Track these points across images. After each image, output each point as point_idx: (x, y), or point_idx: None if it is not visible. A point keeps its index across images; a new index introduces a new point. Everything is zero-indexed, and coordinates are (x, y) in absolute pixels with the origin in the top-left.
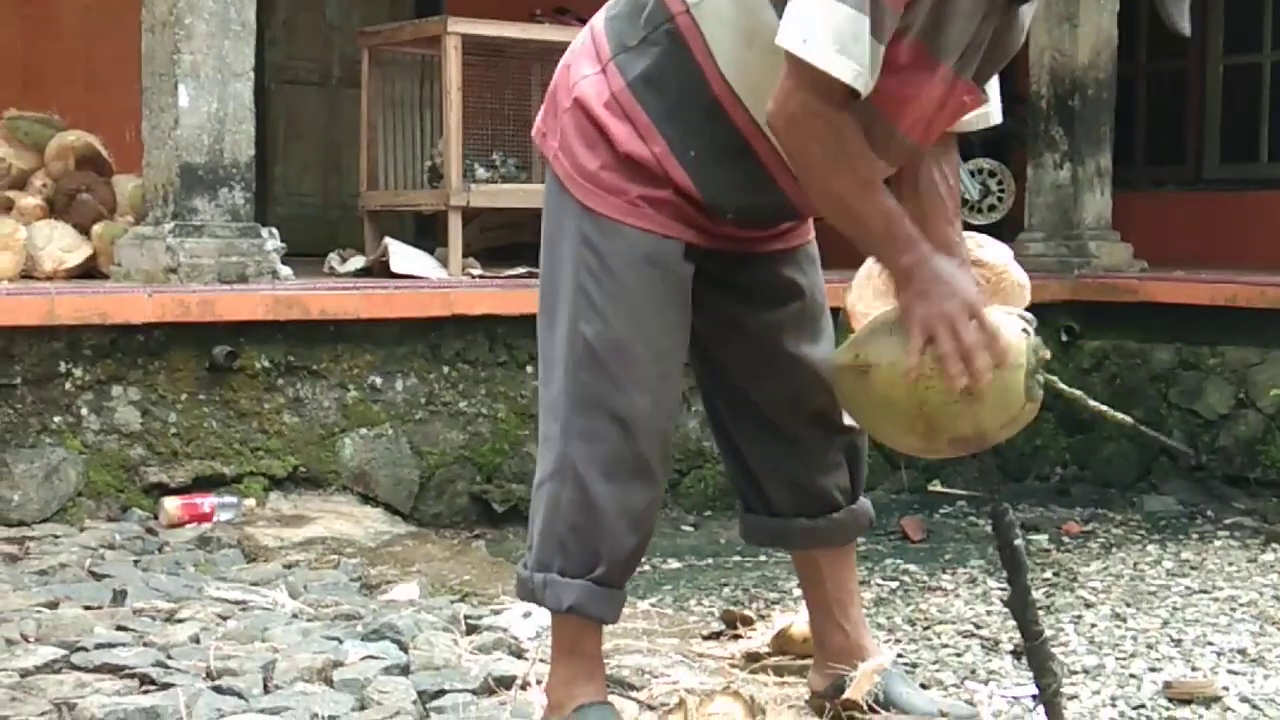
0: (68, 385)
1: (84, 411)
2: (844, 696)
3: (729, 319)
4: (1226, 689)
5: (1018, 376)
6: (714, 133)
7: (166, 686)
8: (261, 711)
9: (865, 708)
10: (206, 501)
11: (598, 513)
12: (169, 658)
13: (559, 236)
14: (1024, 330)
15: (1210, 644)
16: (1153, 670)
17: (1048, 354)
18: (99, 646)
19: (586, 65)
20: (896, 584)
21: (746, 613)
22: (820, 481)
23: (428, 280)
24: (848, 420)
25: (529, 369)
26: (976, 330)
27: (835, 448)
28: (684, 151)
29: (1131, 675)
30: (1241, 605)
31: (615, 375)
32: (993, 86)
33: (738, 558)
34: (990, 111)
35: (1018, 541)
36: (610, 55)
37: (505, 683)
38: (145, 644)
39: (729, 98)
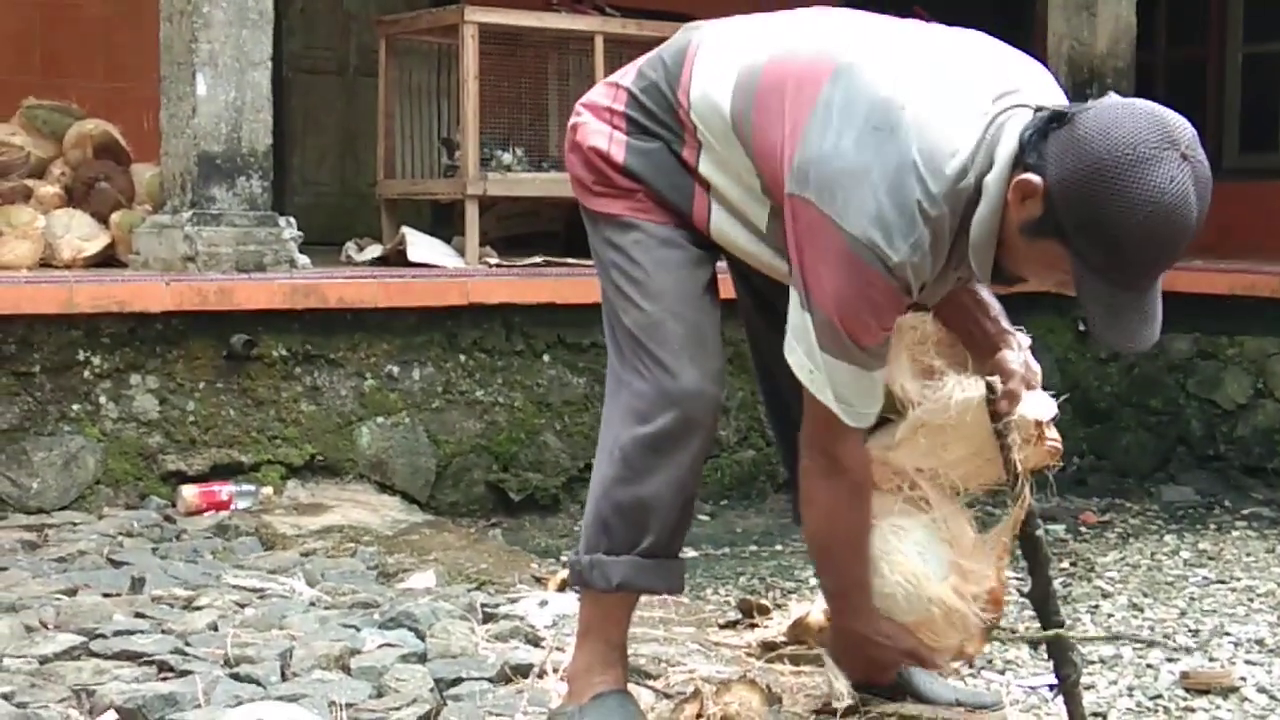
0: (86, 373)
1: (102, 400)
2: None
3: (760, 302)
4: (1244, 679)
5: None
6: (698, 239)
7: (185, 674)
8: (279, 699)
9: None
10: (224, 490)
11: (641, 487)
12: (187, 645)
13: (595, 254)
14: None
15: (1228, 634)
16: (1170, 660)
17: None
18: (118, 634)
19: (600, 121)
20: None
21: (763, 602)
22: None
23: (444, 269)
24: None
25: (545, 358)
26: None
27: None
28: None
29: (1148, 665)
30: (1259, 595)
31: (657, 355)
32: None
33: (754, 547)
34: None
35: (1039, 532)
36: (621, 129)
37: (522, 671)
38: (164, 631)
39: (704, 217)
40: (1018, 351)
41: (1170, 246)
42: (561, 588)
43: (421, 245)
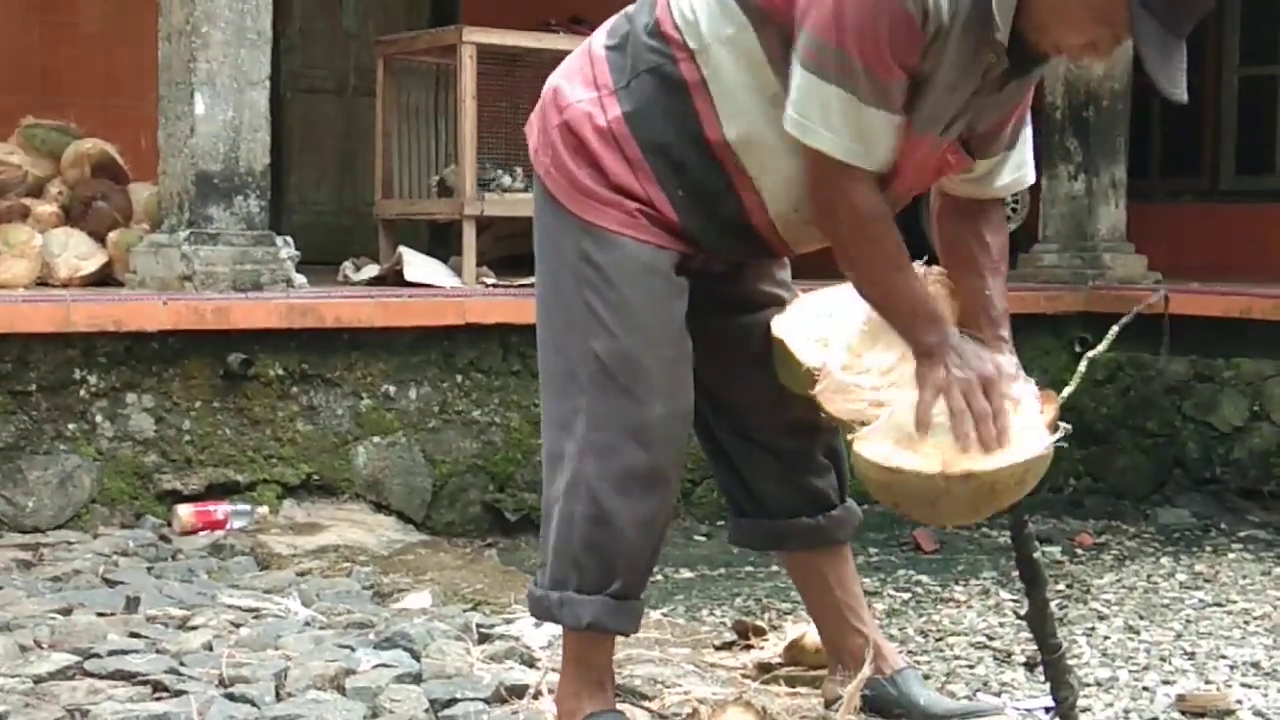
0: (82, 392)
1: (98, 418)
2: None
3: (708, 328)
4: (1240, 702)
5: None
6: (704, 177)
7: (179, 694)
8: (274, 719)
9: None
10: (220, 509)
11: (613, 528)
12: (182, 665)
13: (557, 255)
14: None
15: (1224, 657)
16: (1166, 683)
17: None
18: (112, 653)
19: (581, 89)
20: (909, 595)
21: (759, 623)
22: (813, 481)
23: (442, 289)
24: (822, 420)
25: None
26: (987, 401)
27: (819, 451)
28: (673, 190)
29: (1145, 688)
30: (1255, 618)
31: (629, 387)
32: (1026, 144)
33: (750, 567)
34: (1025, 174)
35: (1037, 554)
36: (607, 85)
37: (517, 692)
38: (158, 651)
39: (723, 147)
40: (1009, 358)
41: None
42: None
43: (419, 265)
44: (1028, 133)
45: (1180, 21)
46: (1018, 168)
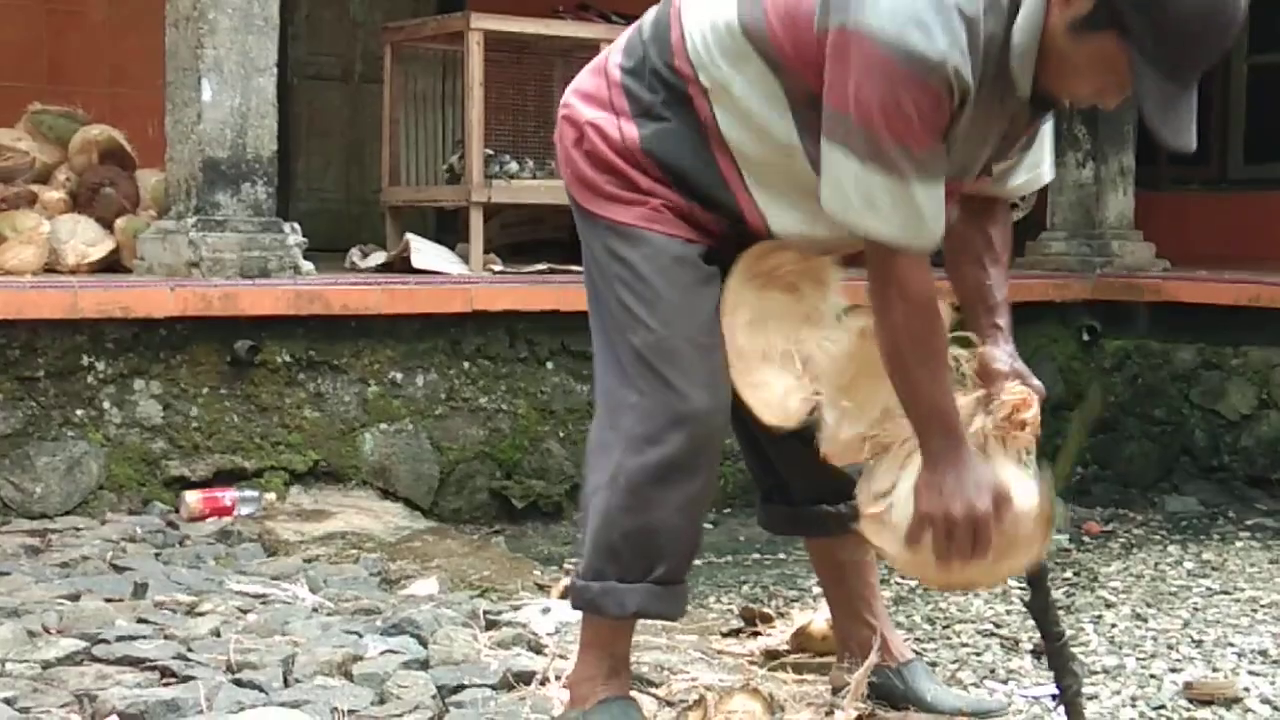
0: (90, 379)
1: (106, 405)
2: (841, 708)
3: None
4: (1247, 690)
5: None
6: (721, 203)
7: (187, 679)
8: (282, 705)
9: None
10: (227, 495)
11: (653, 516)
12: (190, 650)
13: (593, 259)
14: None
15: (1231, 645)
16: (1173, 671)
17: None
18: (120, 639)
19: (596, 110)
20: (916, 582)
21: (766, 610)
22: (836, 470)
23: (449, 276)
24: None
25: (549, 365)
26: (970, 539)
27: None
28: (700, 198)
29: (1152, 676)
30: (1263, 606)
31: (669, 379)
32: (1043, 143)
33: (757, 555)
34: (1040, 173)
35: None
36: (625, 111)
37: (524, 678)
38: (166, 637)
39: (739, 185)
40: (1002, 348)
41: (1223, 32)
42: (564, 595)
43: (426, 252)
44: (1047, 129)
45: (1183, 73)
46: (1033, 166)
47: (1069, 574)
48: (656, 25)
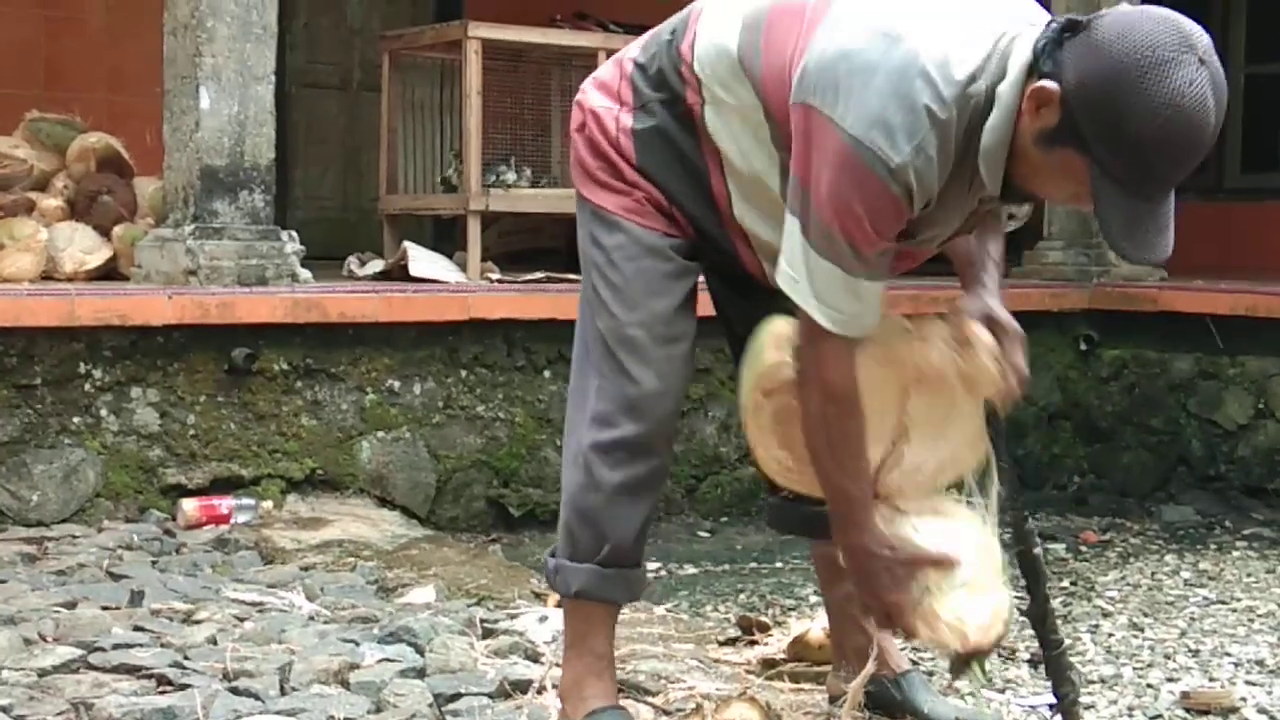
0: (87, 386)
1: (103, 412)
2: (838, 718)
3: (741, 312)
4: (1244, 700)
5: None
6: (704, 211)
7: (184, 687)
8: (278, 713)
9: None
10: (224, 503)
11: (601, 496)
12: (186, 658)
13: (582, 249)
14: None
15: (1228, 654)
16: (1170, 680)
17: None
18: (116, 647)
19: (605, 99)
20: None
21: (763, 619)
22: None
23: (446, 284)
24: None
25: (546, 373)
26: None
27: None
28: (677, 204)
29: (1149, 685)
30: (1259, 616)
31: (623, 362)
32: None
33: (754, 564)
34: (1023, 211)
35: (1037, 550)
36: (628, 102)
37: (521, 687)
38: (163, 645)
39: (723, 196)
40: (981, 298)
41: (1190, 152)
42: (560, 604)
43: (423, 260)
44: None
45: (1146, 188)
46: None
47: (1066, 583)
48: (676, 29)
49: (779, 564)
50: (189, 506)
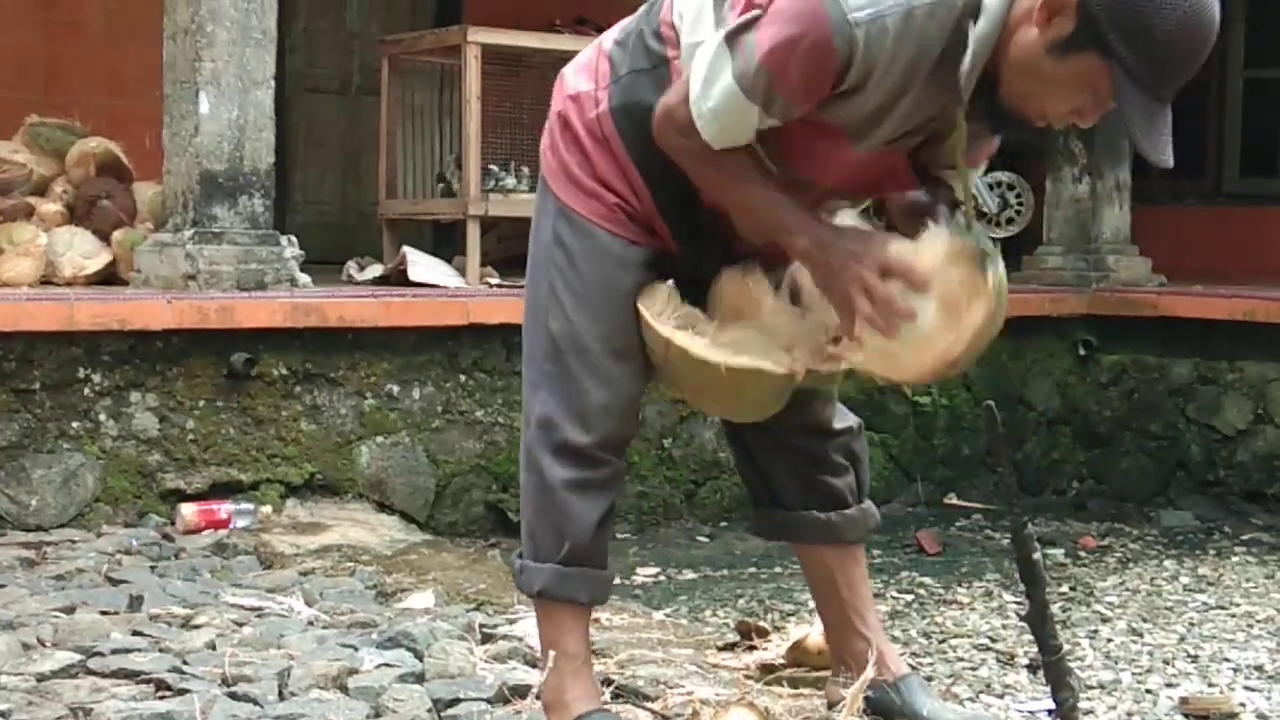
0: (86, 391)
1: (102, 417)
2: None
3: None
4: (1243, 705)
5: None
6: (677, 175)
7: (182, 692)
8: (277, 718)
9: None
10: (223, 508)
11: (555, 496)
12: (185, 663)
13: (537, 236)
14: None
15: (1227, 660)
16: (1169, 686)
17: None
18: (115, 652)
19: (583, 81)
20: (912, 597)
21: (762, 624)
22: (828, 479)
23: (445, 289)
24: (839, 424)
25: None
26: (888, 282)
27: (835, 452)
28: (655, 189)
29: (1148, 691)
30: (1259, 621)
31: (573, 369)
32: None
33: (753, 569)
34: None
35: (1036, 555)
36: (605, 79)
37: (520, 692)
38: (161, 650)
39: None
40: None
41: (1202, 47)
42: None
43: (422, 265)
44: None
45: (1164, 87)
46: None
47: (1065, 588)
48: (651, 4)
49: (778, 569)
50: (188, 511)
